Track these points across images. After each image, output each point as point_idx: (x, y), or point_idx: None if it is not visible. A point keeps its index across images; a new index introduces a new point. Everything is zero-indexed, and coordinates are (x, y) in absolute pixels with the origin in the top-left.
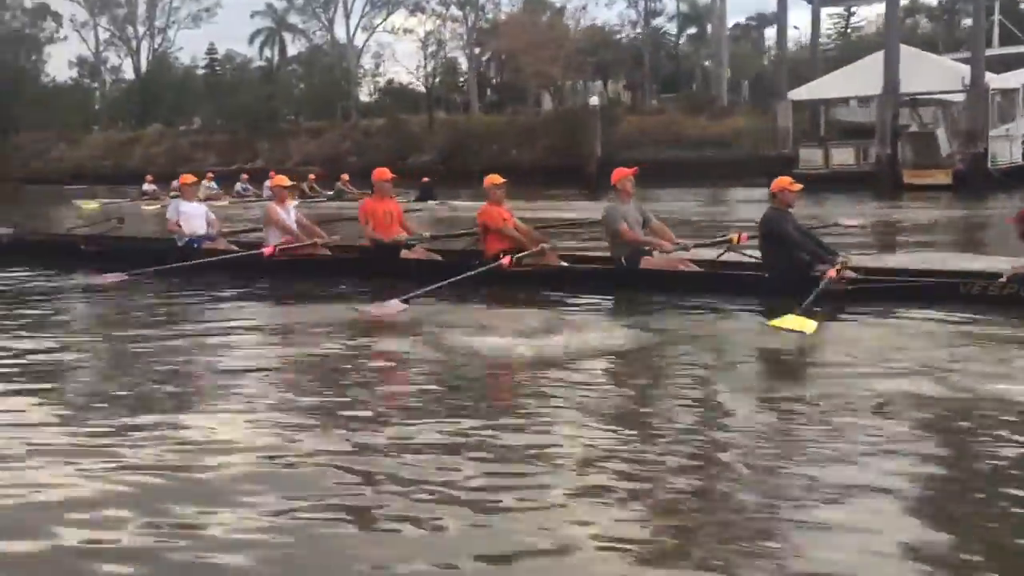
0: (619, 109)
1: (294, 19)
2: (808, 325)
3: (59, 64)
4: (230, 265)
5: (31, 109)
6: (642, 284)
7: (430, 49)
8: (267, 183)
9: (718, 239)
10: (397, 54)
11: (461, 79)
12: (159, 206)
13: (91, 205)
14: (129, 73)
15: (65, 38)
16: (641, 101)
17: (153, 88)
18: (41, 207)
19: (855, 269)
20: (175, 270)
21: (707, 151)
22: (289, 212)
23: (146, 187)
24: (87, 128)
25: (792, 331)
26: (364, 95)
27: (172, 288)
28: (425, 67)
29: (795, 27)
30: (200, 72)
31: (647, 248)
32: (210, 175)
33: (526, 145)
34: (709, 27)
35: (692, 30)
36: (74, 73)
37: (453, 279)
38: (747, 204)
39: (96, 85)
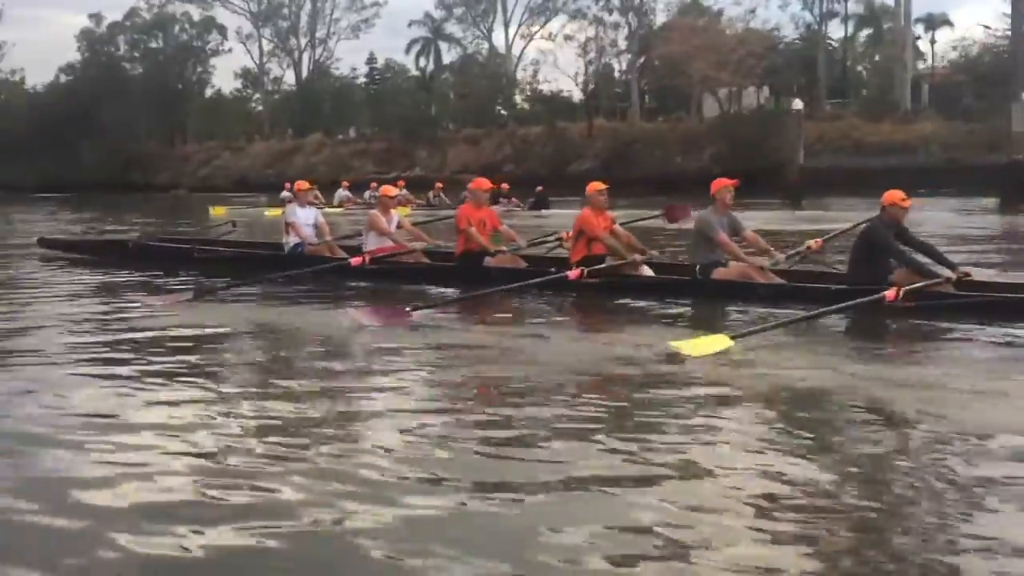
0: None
1: (451, 28)
2: (705, 345)
3: (224, 76)
4: (319, 272)
5: (198, 119)
6: (716, 294)
7: (590, 55)
8: (367, 192)
9: (795, 249)
10: (558, 61)
11: (617, 88)
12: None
13: (219, 210)
14: (290, 83)
15: (230, 50)
16: (814, 107)
17: (313, 98)
18: (190, 214)
19: (972, 283)
20: (252, 282)
21: (891, 159)
22: (392, 220)
23: (284, 194)
24: (250, 137)
25: (688, 353)
26: (520, 103)
27: (246, 298)
28: (585, 73)
29: (985, 26)
30: (359, 82)
31: (741, 261)
32: (345, 183)
33: (691, 152)
34: (886, 27)
35: (868, 31)
36: (238, 84)
37: (486, 290)
38: (964, 215)
39: (259, 95)
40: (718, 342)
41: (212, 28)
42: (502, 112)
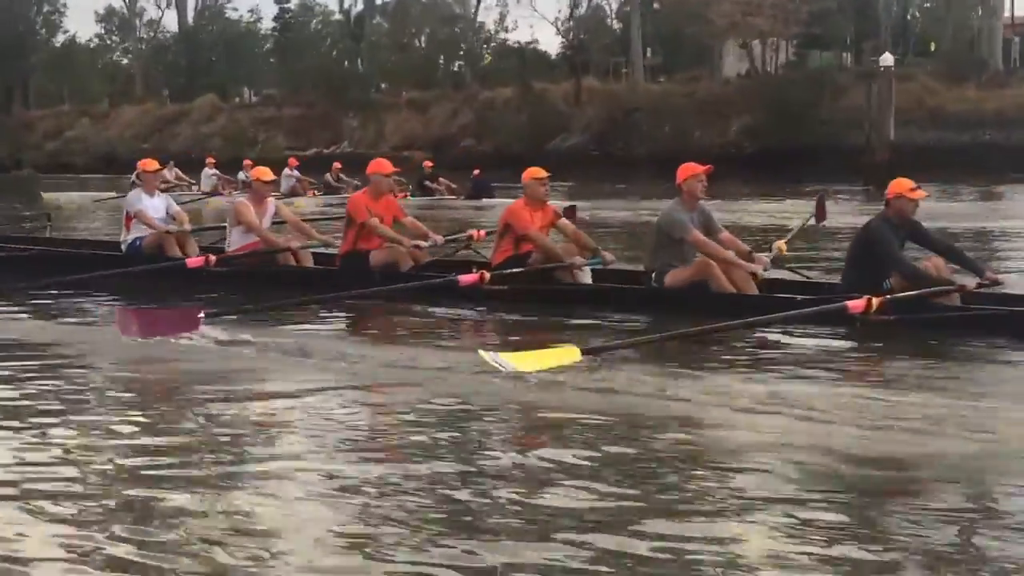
0: (844, 75)
1: None
2: (540, 359)
3: (80, 18)
4: (143, 276)
5: (44, 75)
6: (671, 307)
7: None
8: (206, 171)
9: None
10: (535, 1)
11: (607, 39)
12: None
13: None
14: (171, 28)
15: None
16: (867, 64)
17: (203, 48)
18: (37, 203)
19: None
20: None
21: (984, 132)
22: (267, 211)
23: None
24: (116, 100)
25: (499, 366)
26: (485, 57)
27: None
28: (569, 18)
29: None
30: (264, 28)
31: (728, 264)
32: (211, 160)
33: (713, 124)
34: None
35: None
36: (99, 29)
37: (327, 295)
38: None
39: (127, 45)
40: (560, 355)
41: None
42: (458, 69)
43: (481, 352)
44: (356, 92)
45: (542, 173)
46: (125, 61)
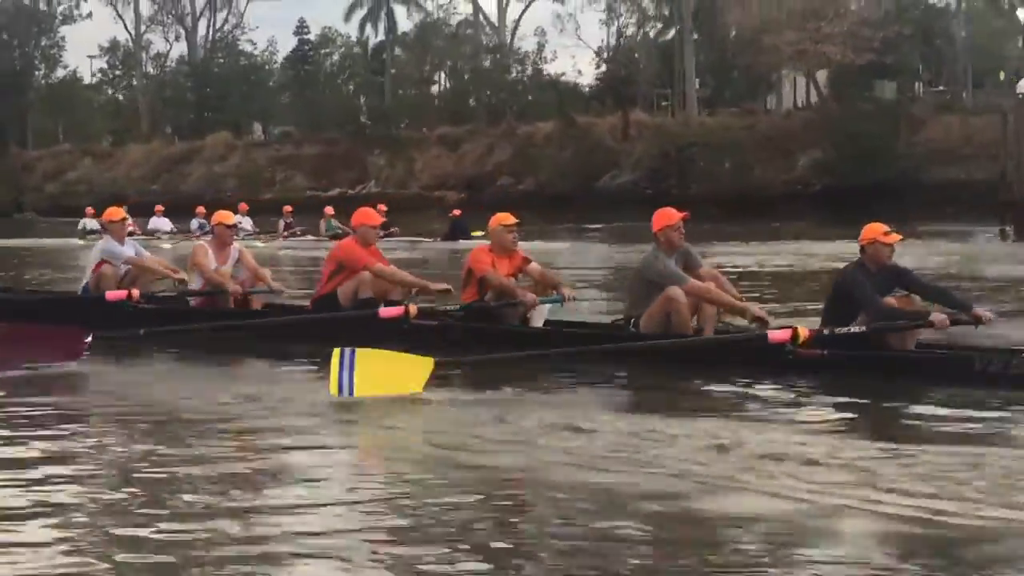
0: (920, 106)
1: None
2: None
3: (81, 52)
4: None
5: (43, 113)
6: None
7: (621, 22)
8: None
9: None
10: (580, 30)
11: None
12: None
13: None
14: (180, 61)
15: (90, 15)
16: (955, 97)
17: (216, 83)
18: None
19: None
20: None
21: None
22: (229, 256)
23: (84, 222)
24: (119, 139)
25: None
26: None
27: None
28: (616, 46)
29: None
30: (279, 59)
31: (725, 306)
32: (243, 207)
33: (777, 159)
34: None
35: None
36: (102, 63)
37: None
38: None
39: (133, 81)
40: (409, 373)
41: None
42: (493, 102)
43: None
44: (381, 128)
45: (510, 220)
46: (126, 97)
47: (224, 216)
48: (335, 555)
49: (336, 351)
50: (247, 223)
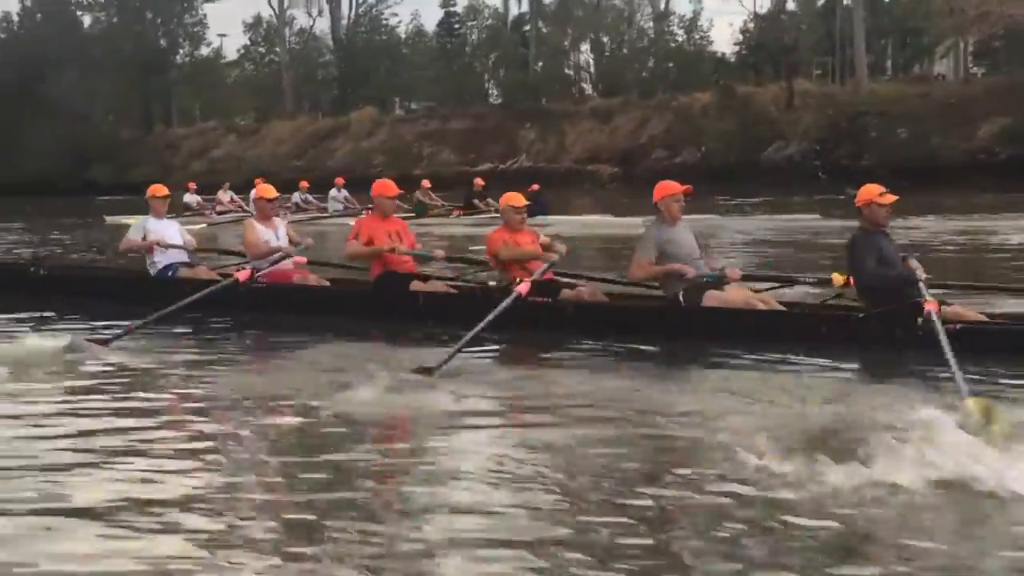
0: None
1: None
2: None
3: (223, 29)
4: (203, 302)
5: (187, 92)
6: (702, 327)
7: None
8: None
9: (809, 279)
10: None
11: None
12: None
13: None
14: (323, 36)
15: None
16: None
17: (360, 58)
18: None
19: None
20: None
21: None
22: (278, 230)
23: (188, 197)
24: (262, 116)
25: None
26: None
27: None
28: (780, 11)
29: None
30: (427, 34)
31: (678, 275)
32: (304, 184)
33: (957, 127)
34: None
35: None
36: (245, 41)
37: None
38: None
39: (274, 56)
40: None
41: None
42: (645, 74)
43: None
44: (531, 101)
45: (519, 201)
46: (269, 74)
47: (265, 190)
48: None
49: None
50: (303, 199)
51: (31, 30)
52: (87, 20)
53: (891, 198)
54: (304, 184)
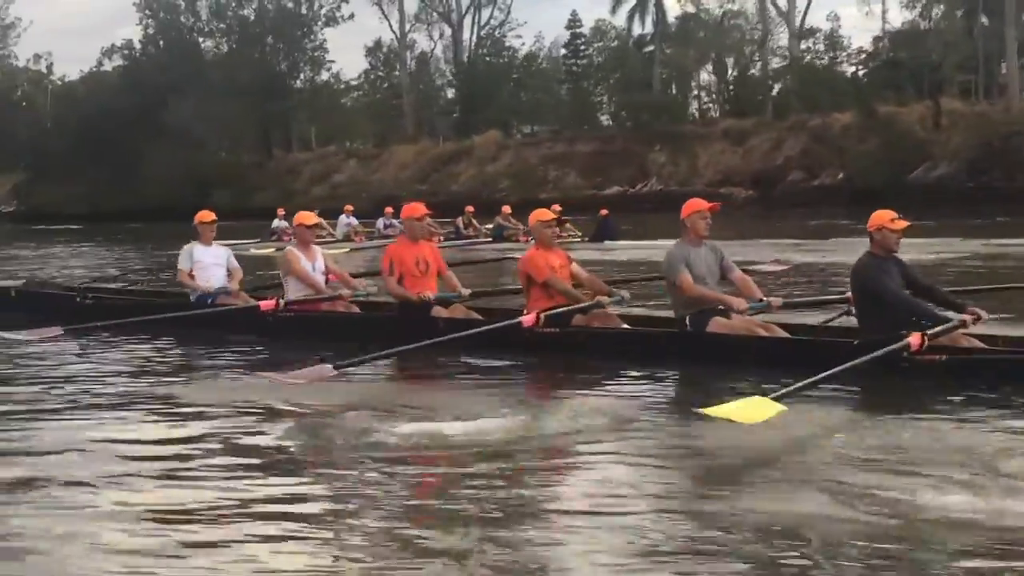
0: None
1: None
2: (753, 412)
3: (344, 55)
4: (221, 321)
5: (307, 117)
6: (707, 353)
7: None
8: (343, 217)
9: (831, 297)
10: (886, 10)
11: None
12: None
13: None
14: (444, 59)
15: (351, 17)
16: None
17: (482, 81)
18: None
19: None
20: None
21: None
22: (315, 260)
23: (276, 223)
24: (380, 140)
25: (728, 420)
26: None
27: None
28: (919, 31)
29: None
30: (549, 55)
31: (717, 305)
32: (348, 208)
33: None
34: None
35: None
36: (365, 65)
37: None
38: None
39: (395, 80)
40: (758, 408)
41: None
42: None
43: (706, 409)
44: (663, 123)
45: (549, 216)
46: (389, 98)
47: (305, 217)
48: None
49: (715, 411)
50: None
51: (153, 57)
52: (207, 46)
53: (903, 224)
54: (349, 208)
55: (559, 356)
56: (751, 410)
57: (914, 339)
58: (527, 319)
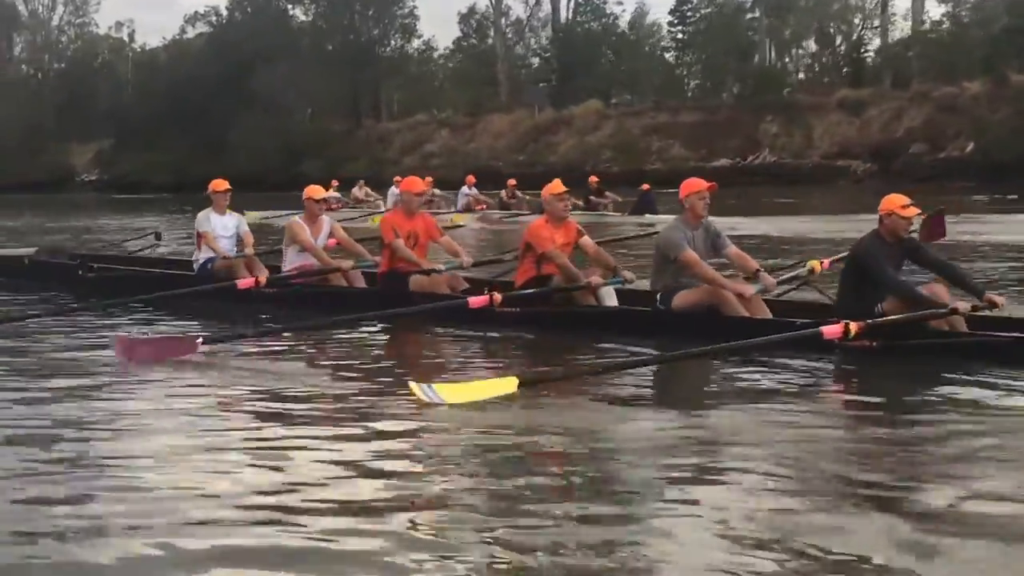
0: None
1: None
2: (475, 390)
3: (435, 23)
4: (199, 296)
5: (397, 85)
6: (677, 329)
7: None
8: (393, 189)
9: (792, 270)
10: None
11: None
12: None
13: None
14: (539, 24)
15: None
16: None
17: (581, 47)
18: None
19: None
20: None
21: None
22: (321, 230)
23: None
24: (472, 109)
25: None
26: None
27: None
28: None
29: None
30: (651, 21)
31: (719, 287)
32: (335, 183)
33: None
34: None
35: None
36: (456, 33)
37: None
38: None
39: (491, 47)
40: (497, 386)
41: None
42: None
43: (412, 383)
44: (771, 93)
45: (561, 188)
46: (483, 66)
47: (313, 190)
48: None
49: (414, 386)
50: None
51: (239, 24)
52: (295, 12)
53: (914, 211)
54: (471, 179)
55: (520, 333)
56: (486, 389)
57: (831, 328)
58: (475, 300)
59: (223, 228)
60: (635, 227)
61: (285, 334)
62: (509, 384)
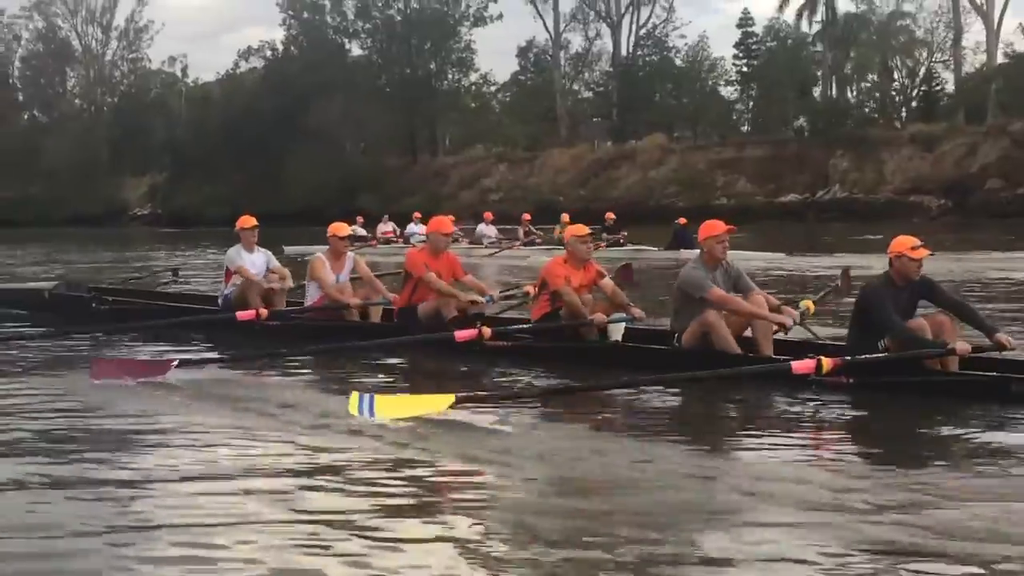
0: None
1: None
2: (411, 405)
3: (492, 57)
4: (203, 327)
5: (453, 120)
6: (692, 367)
7: None
8: (411, 226)
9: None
10: None
11: None
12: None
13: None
14: (601, 58)
15: (500, 17)
16: None
17: (643, 82)
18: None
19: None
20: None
21: None
22: (344, 267)
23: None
24: (532, 144)
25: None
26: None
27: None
28: None
29: None
30: (714, 56)
31: (754, 317)
32: (360, 219)
33: None
34: None
35: None
36: (514, 67)
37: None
38: None
39: (549, 78)
40: (432, 402)
41: None
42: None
43: (354, 393)
44: (845, 127)
45: (584, 231)
46: (541, 100)
47: (338, 228)
48: None
49: (353, 399)
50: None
51: (296, 58)
52: (351, 46)
53: (923, 252)
54: (488, 216)
55: (513, 366)
56: (422, 404)
57: (801, 364)
58: (461, 334)
59: (251, 264)
60: (670, 263)
61: (261, 360)
62: (445, 400)
